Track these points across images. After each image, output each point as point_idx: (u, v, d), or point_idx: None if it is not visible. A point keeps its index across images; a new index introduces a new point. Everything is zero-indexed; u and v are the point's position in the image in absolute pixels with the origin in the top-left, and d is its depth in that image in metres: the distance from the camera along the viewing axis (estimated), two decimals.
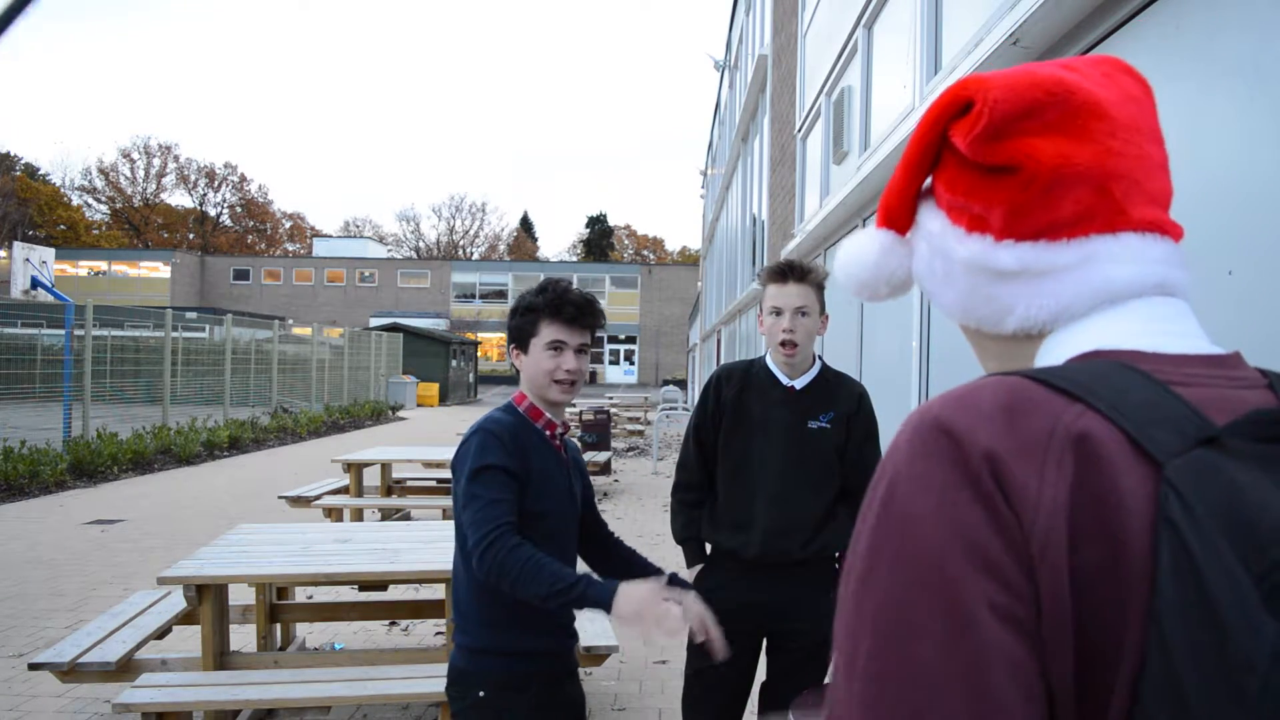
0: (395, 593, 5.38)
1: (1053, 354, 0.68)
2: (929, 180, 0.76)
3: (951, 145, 0.71)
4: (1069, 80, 0.68)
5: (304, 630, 4.84)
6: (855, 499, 2.55)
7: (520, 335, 2.09)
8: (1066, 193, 0.67)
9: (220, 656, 3.52)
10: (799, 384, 2.54)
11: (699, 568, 2.64)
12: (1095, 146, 0.67)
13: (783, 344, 2.46)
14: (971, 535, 0.54)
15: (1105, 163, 0.66)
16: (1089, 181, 0.66)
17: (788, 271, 2.47)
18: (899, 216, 0.77)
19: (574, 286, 2.14)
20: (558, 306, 2.05)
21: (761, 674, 2.65)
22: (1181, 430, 0.55)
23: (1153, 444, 0.54)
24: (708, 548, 2.65)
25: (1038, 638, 0.53)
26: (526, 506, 1.99)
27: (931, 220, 0.76)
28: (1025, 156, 0.67)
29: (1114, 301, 0.67)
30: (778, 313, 2.46)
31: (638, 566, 2.21)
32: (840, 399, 2.55)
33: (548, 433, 2.10)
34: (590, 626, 3.76)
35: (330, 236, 61.32)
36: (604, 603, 1.79)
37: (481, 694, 2.00)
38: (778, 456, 2.50)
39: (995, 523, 0.54)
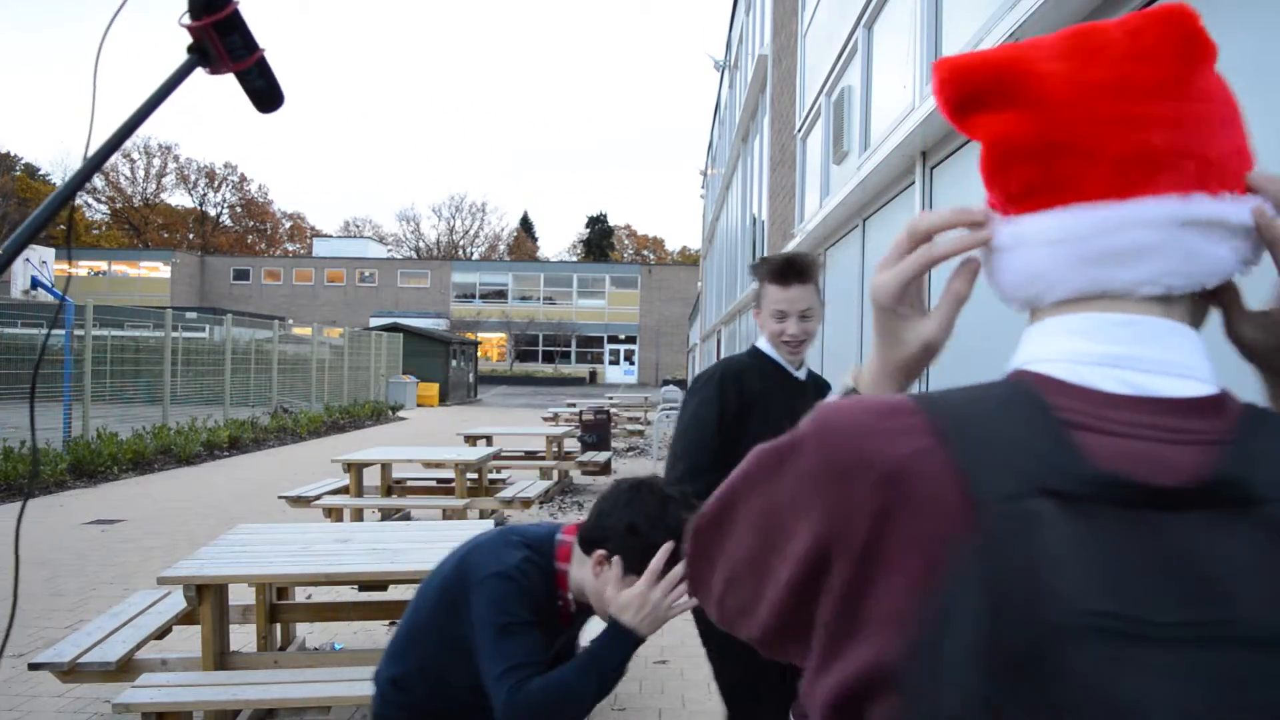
0: (395, 593, 5.37)
1: (1015, 358, 0.69)
2: None
3: None
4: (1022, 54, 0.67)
5: (304, 630, 4.84)
6: None
7: (637, 559, 1.73)
8: (1012, 167, 0.66)
9: (220, 656, 3.52)
10: (802, 375, 2.56)
11: None
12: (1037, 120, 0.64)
13: (787, 342, 2.47)
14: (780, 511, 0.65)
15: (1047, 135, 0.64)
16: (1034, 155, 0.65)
17: (789, 273, 2.43)
18: None
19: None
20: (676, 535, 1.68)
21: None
22: (1028, 475, 0.53)
23: (980, 485, 0.54)
24: None
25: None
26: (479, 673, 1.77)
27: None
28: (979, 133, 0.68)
29: (1065, 305, 0.65)
30: (782, 316, 2.44)
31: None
32: (824, 388, 2.61)
33: (560, 604, 1.88)
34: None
35: (330, 236, 61.32)
36: (630, 645, 1.68)
37: None
38: None
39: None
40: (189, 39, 0.76)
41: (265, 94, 0.85)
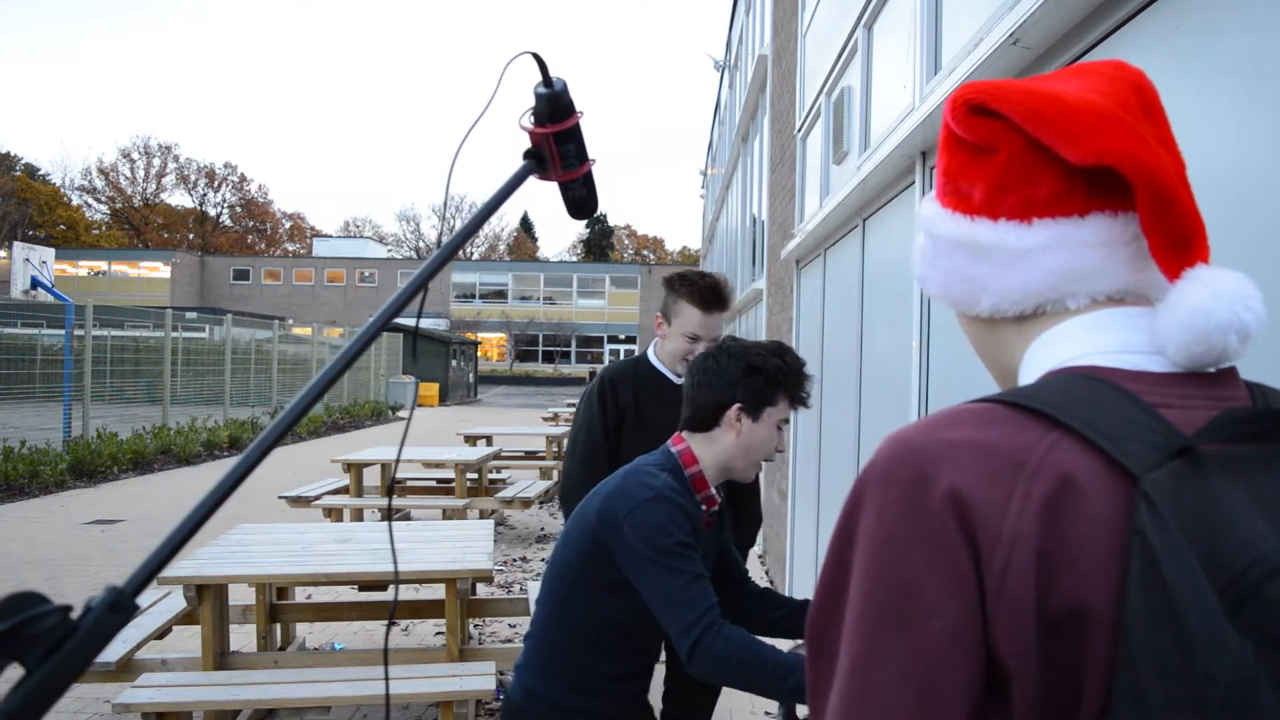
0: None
1: (1035, 363, 0.69)
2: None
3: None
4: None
5: (304, 630, 4.84)
6: None
7: (759, 400, 1.80)
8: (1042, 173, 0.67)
9: (220, 656, 3.52)
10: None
11: None
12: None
13: (688, 361, 2.40)
14: (919, 572, 0.57)
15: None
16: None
17: (715, 301, 2.44)
18: None
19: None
20: (799, 384, 1.84)
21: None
22: (1156, 445, 0.56)
23: (1129, 459, 0.55)
24: None
25: (986, 659, 0.56)
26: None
27: (927, 206, 0.78)
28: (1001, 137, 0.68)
29: (1094, 304, 0.67)
30: (695, 339, 2.44)
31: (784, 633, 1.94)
32: None
33: (704, 507, 1.84)
34: None
35: (330, 236, 61.31)
36: None
37: None
38: None
39: (943, 559, 0.56)
40: (527, 143, 0.77)
41: (584, 203, 0.83)
